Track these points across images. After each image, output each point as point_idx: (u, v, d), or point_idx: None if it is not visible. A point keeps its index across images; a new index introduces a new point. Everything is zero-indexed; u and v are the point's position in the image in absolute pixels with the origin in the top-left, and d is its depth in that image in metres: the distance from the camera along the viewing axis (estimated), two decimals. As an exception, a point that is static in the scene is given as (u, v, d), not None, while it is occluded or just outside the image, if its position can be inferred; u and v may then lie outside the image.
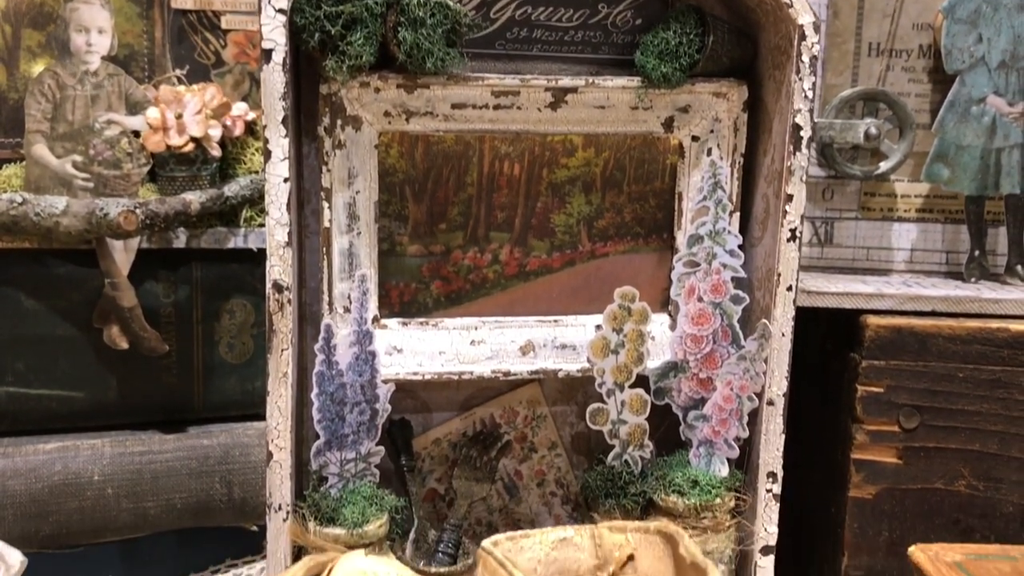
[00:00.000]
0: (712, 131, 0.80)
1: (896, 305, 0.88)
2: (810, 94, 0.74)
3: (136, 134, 0.90)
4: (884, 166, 0.93)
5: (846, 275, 0.98)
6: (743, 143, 0.80)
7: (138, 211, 0.85)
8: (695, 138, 0.80)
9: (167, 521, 0.92)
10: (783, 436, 0.79)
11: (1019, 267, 0.95)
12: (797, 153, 0.75)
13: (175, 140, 0.88)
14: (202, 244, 0.91)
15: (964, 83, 0.91)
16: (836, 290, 0.89)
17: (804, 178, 0.76)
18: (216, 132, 0.89)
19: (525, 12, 0.79)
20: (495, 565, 0.55)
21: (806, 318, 0.92)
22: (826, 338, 0.96)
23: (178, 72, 0.93)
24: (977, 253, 0.95)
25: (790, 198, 0.75)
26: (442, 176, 0.80)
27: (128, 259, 0.90)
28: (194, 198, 0.88)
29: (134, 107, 0.90)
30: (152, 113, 0.87)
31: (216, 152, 0.90)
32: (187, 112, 0.88)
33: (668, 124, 0.80)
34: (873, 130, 0.91)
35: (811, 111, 0.74)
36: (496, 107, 0.77)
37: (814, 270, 0.99)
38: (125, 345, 0.90)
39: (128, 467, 0.90)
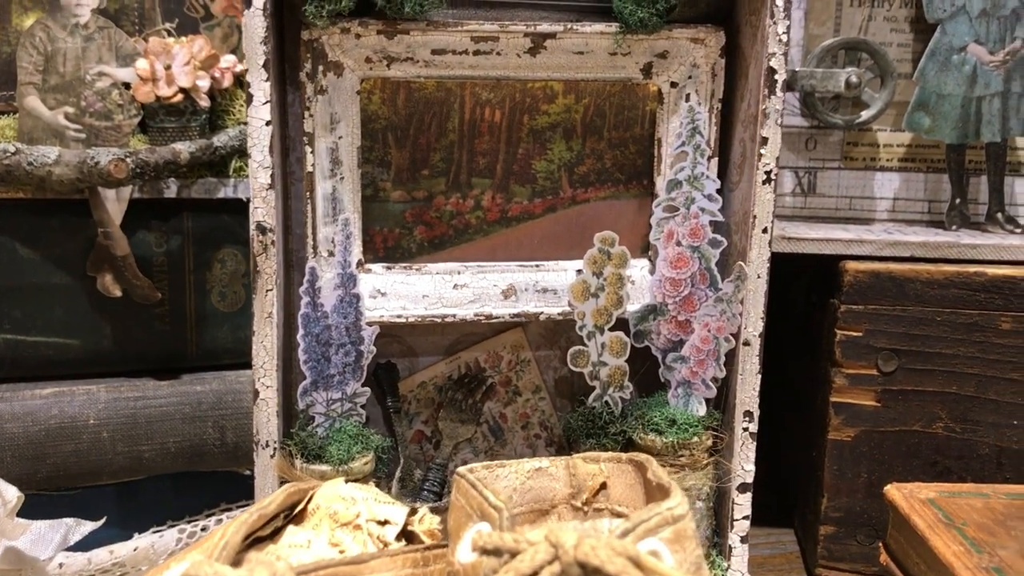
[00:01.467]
0: (690, 77, 0.81)
1: (875, 251, 0.90)
2: (784, 38, 0.75)
3: (127, 86, 0.91)
4: (865, 115, 0.94)
5: (829, 224, 0.99)
6: (721, 88, 0.81)
7: (128, 160, 0.87)
8: (673, 84, 0.81)
9: (162, 465, 0.94)
10: (759, 376, 0.81)
11: (999, 215, 0.96)
12: (772, 97, 0.76)
13: (164, 91, 0.89)
14: (193, 194, 0.93)
15: (945, 32, 0.92)
16: (816, 236, 0.91)
17: (779, 121, 0.77)
18: (204, 83, 0.90)
19: (512, -41, 0.80)
20: (467, 487, 0.57)
21: (791, 266, 0.93)
22: (810, 285, 0.97)
23: (167, 25, 0.94)
24: (958, 201, 0.96)
25: (765, 141, 0.77)
26: (424, 122, 0.81)
27: (120, 209, 0.91)
28: (184, 148, 0.90)
29: (124, 59, 0.92)
30: (141, 64, 0.89)
31: (205, 103, 0.91)
32: (176, 63, 0.89)
33: (647, 70, 0.81)
34: (854, 79, 0.92)
35: (785, 55, 0.75)
36: (476, 53, 0.78)
37: (797, 219, 1.00)
38: (118, 293, 0.92)
39: (123, 412, 0.92)
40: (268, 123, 0.72)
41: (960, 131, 0.94)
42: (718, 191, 0.82)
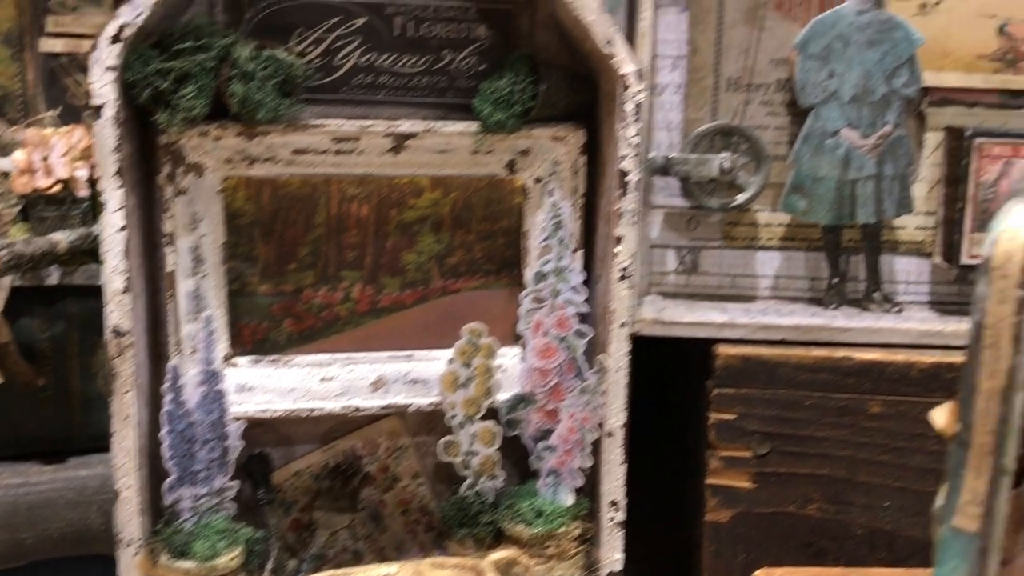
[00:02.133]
0: (553, 173, 0.82)
1: (747, 334, 0.91)
2: (635, 141, 0.77)
3: (6, 175, 0.92)
4: (740, 198, 0.96)
5: (713, 302, 1.00)
6: (583, 184, 0.83)
7: (3, 252, 0.87)
8: (537, 179, 0.83)
9: (44, 551, 0.94)
10: (624, 466, 0.82)
11: (876, 293, 0.97)
12: (624, 197, 0.77)
13: (42, 182, 0.90)
14: (75, 281, 0.93)
15: (818, 117, 0.94)
16: (689, 320, 0.92)
17: (634, 220, 0.78)
18: (83, 173, 0.91)
19: (369, 59, 0.81)
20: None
21: (671, 347, 0.94)
22: (688, 367, 0.99)
23: (51, 113, 0.95)
24: (836, 280, 0.98)
25: (619, 240, 0.78)
26: (290, 217, 0.82)
27: (1, 297, 0.92)
28: (62, 237, 0.90)
29: (4, 148, 0.92)
30: (18, 156, 0.90)
31: (84, 192, 0.92)
32: (53, 154, 0.90)
33: (510, 167, 0.82)
34: (727, 164, 0.94)
35: (637, 156, 0.77)
36: (338, 152, 0.79)
37: (682, 297, 1.01)
38: (0, 379, 0.93)
39: (4, 498, 0.92)
40: (122, 228, 0.73)
41: (835, 213, 0.95)
42: (584, 283, 0.83)
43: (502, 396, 0.84)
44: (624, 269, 0.78)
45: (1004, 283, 0.57)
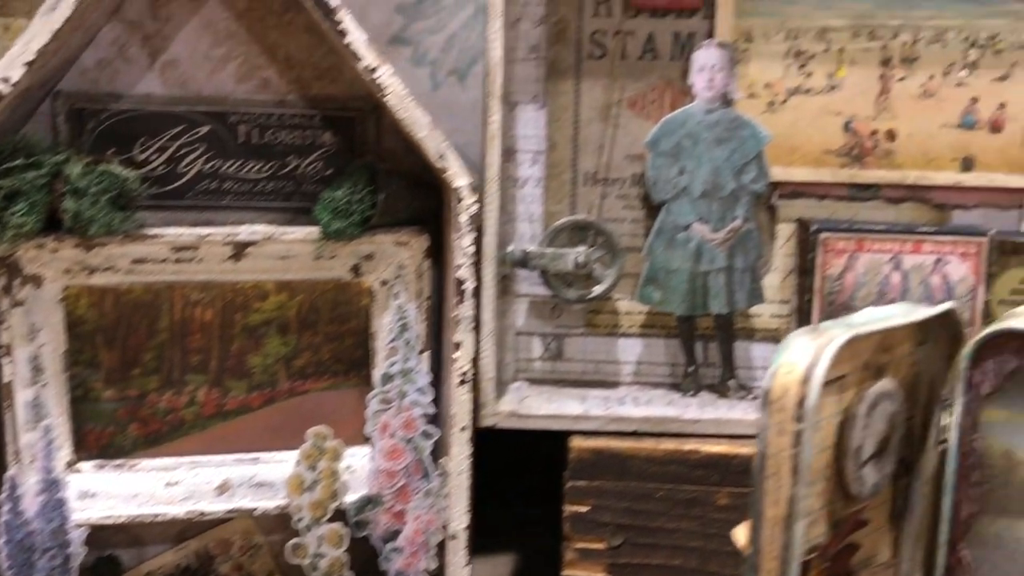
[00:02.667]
0: (398, 276, 0.84)
1: (600, 426, 0.93)
2: (470, 251, 0.78)
3: None
4: (597, 290, 0.98)
5: (577, 388, 1.02)
6: (428, 287, 0.84)
7: None
8: (383, 282, 0.84)
9: None
10: (467, 568, 0.83)
11: (731, 381, 1.00)
12: (461, 304, 0.79)
13: None
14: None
15: (670, 211, 0.96)
16: (546, 412, 0.94)
17: (473, 326, 0.80)
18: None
19: (214, 166, 0.82)
20: None
21: (536, 438, 0.96)
22: (547, 458, 1.00)
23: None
24: (692, 368, 1.00)
25: (458, 346, 0.79)
26: (133, 323, 0.82)
27: None
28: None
29: None
30: None
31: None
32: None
33: (355, 270, 0.83)
34: (581, 259, 0.96)
35: (473, 265, 0.79)
36: (177, 260, 0.80)
37: (547, 383, 1.03)
38: None
39: None
40: (-51, 345, 0.73)
41: (689, 304, 0.98)
42: (431, 384, 0.84)
43: (350, 497, 0.85)
44: (463, 374, 0.80)
45: (782, 416, 0.59)
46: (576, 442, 0.91)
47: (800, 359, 0.59)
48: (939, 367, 0.73)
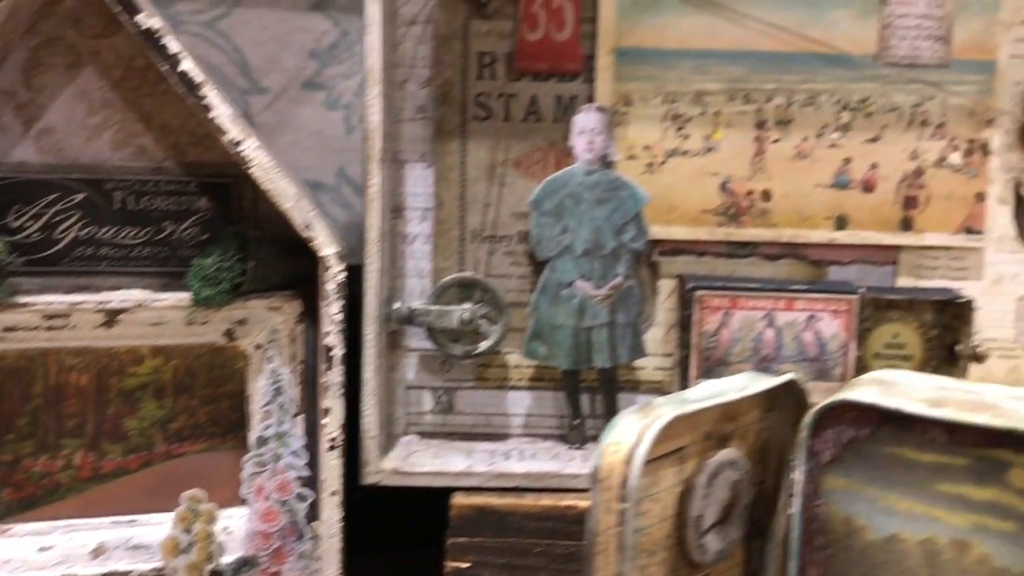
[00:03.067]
0: (272, 340, 0.85)
1: (482, 482, 0.95)
2: (337, 318, 0.80)
3: None
4: (483, 346, 1.00)
5: (467, 441, 1.03)
6: (302, 351, 0.85)
7: None
8: (257, 346, 0.85)
9: None
10: (341, 629, 0.84)
11: (615, 435, 1.02)
12: (330, 371, 0.80)
13: None
14: None
15: (554, 269, 0.99)
16: (429, 469, 0.95)
17: (340, 393, 0.81)
18: None
19: (90, 232, 0.83)
20: None
21: (429, 494, 0.97)
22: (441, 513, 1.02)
23: None
24: (577, 421, 1.02)
25: (327, 411, 0.81)
26: (6, 389, 0.83)
27: None
28: None
29: None
30: None
31: None
32: None
33: (229, 335, 0.85)
34: (466, 316, 0.97)
35: (341, 332, 0.80)
36: (50, 328, 0.81)
37: (438, 436, 1.04)
38: None
39: None
40: None
41: (573, 358, 1.00)
42: (305, 447, 0.86)
43: (226, 559, 0.86)
44: (332, 440, 0.81)
45: (608, 495, 0.62)
46: (458, 499, 0.93)
47: (625, 439, 0.61)
48: (787, 433, 0.76)
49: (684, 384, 0.99)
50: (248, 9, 1.47)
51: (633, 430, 0.61)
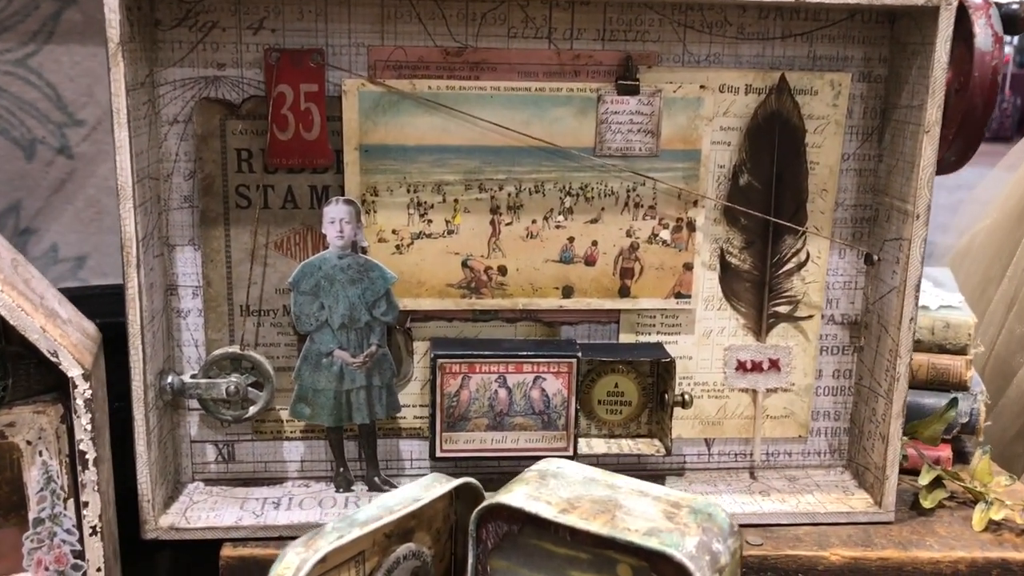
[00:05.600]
0: (40, 438, 0.96)
1: (250, 535, 1.09)
2: (88, 428, 0.91)
3: None
4: (252, 409, 1.13)
5: (248, 487, 1.17)
6: (67, 446, 0.97)
7: None
8: (28, 442, 0.97)
9: None
10: (116, 676, 0.98)
11: (375, 479, 1.17)
12: (86, 471, 0.92)
13: None
14: None
15: (314, 340, 1.11)
16: (202, 525, 1.09)
17: (96, 488, 0.93)
18: None
19: None
20: None
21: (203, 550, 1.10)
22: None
23: None
24: (342, 469, 1.17)
25: (86, 504, 0.93)
26: None
27: None
28: None
29: None
30: None
31: None
32: None
33: (2, 433, 0.96)
34: (232, 388, 1.10)
35: (94, 440, 0.92)
36: None
37: (222, 483, 1.18)
38: None
39: None
40: None
41: (336, 417, 1.14)
42: (76, 525, 0.98)
43: (14, 620, 0.99)
44: (93, 527, 0.94)
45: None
46: (226, 551, 1.07)
47: (287, 572, 0.75)
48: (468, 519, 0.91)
49: (433, 437, 1.14)
50: (59, 46, 1.53)
51: (293, 563, 0.76)
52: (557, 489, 0.86)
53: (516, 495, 0.85)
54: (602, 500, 0.85)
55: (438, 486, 0.87)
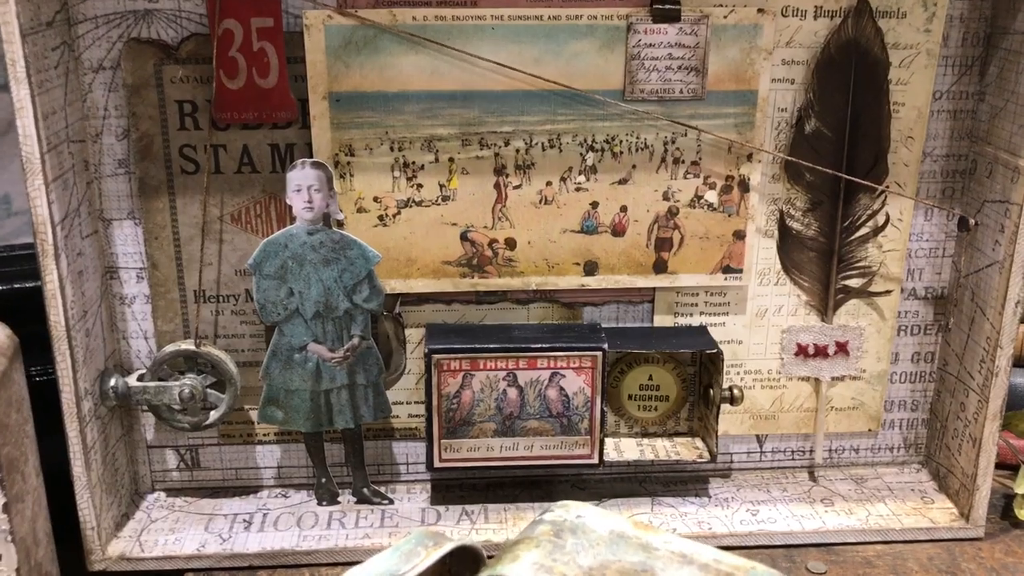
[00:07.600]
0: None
1: (215, 564, 0.92)
2: (-8, 467, 0.73)
3: None
4: (213, 415, 0.94)
5: (216, 499, 1.00)
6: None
7: None
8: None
9: None
10: None
11: (364, 490, 0.99)
12: None
13: None
14: None
15: (283, 333, 0.92)
16: (158, 554, 0.92)
17: (10, 538, 0.76)
18: None
19: None
20: None
21: None
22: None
23: None
24: (323, 480, 0.99)
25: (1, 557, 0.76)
26: None
27: None
28: None
29: None
30: None
31: None
32: None
33: None
34: (187, 392, 0.91)
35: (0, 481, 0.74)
36: None
37: (187, 492, 1.01)
38: None
39: None
40: None
41: (314, 421, 0.95)
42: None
43: None
44: (18, 571, 0.77)
45: None
46: (188, 582, 0.91)
47: None
48: None
49: (431, 445, 0.95)
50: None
51: None
52: (576, 553, 0.67)
53: (523, 564, 0.66)
54: (633, 571, 0.66)
55: (422, 552, 0.68)
